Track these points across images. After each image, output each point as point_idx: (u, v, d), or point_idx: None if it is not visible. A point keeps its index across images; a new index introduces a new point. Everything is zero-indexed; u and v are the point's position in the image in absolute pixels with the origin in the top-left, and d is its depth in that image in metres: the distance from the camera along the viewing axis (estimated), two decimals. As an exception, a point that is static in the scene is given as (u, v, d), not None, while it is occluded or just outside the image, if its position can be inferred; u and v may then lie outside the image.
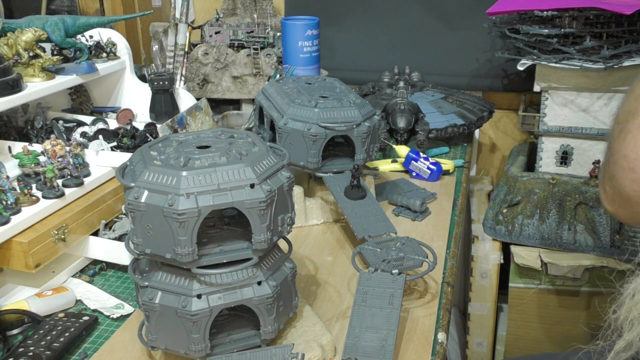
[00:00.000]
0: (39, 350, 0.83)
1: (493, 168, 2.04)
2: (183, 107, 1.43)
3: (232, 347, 0.79)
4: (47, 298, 0.95)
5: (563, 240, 1.46)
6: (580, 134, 1.48)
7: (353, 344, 0.81)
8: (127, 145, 1.21)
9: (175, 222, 0.70)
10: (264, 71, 1.72)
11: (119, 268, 1.08)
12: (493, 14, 1.49)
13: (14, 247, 0.93)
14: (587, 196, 1.44)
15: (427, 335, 0.89)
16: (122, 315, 0.95)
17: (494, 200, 1.59)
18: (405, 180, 1.37)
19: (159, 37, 1.70)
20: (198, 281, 0.75)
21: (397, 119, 1.49)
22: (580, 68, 1.37)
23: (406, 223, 1.21)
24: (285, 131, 1.10)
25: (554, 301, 1.55)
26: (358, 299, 0.87)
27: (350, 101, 1.12)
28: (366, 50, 1.95)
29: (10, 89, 1.10)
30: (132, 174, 0.75)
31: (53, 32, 1.25)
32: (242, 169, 0.73)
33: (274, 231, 0.77)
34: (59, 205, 1.02)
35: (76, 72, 1.28)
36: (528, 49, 1.45)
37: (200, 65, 1.74)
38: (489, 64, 1.87)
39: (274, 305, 0.78)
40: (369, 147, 1.13)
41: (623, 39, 1.38)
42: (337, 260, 1.08)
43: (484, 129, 1.96)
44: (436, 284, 1.01)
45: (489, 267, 1.61)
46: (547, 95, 1.47)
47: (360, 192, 1.10)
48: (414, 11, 1.89)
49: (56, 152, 1.06)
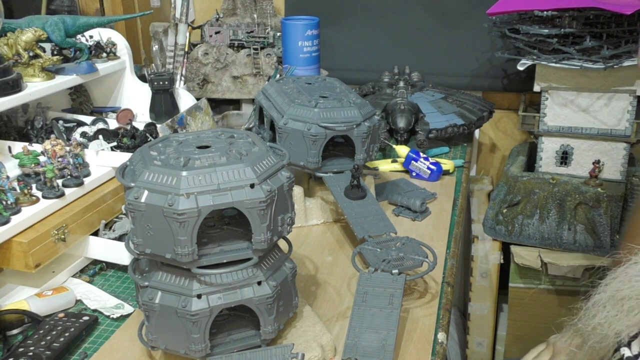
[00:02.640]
0: (39, 350, 0.83)
1: (493, 168, 2.04)
2: (183, 107, 1.43)
3: (232, 347, 0.79)
4: (47, 298, 0.95)
5: (563, 240, 1.46)
6: (580, 134, 1.48)
7: (353, 344, 0.81)
8: (127, 145, 1.21)
9: (175, 222, 0.70)
10: (264, 71, 1.72)
11: (119, 268, 1.08)
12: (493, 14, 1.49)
13: (14, 247, 0.93)
14: (587, 196, 1.44)
15: (427, 335, 0.89)
16: (122, 315, 0.95)
17: (494, 200, 1.59)
18: (405, 180, 1.37)
19: (159, 37, 1.70)
20: (198, 281, 0.75)
21: (397, 119, 1.49)
22: (580, 68, 1.37)
23: (406, 223, 1.21)
24: (285, 131, 1.10)
25: (554, 301, 1.55)
26: (358, 299, 0.87)
27: (350, 101, 1.12)
28: (366, 50, 1.95)
29: (10, 89, 1.10)
30: (132, 174, 0.75)
31: (53, 32, 1.25)
32: (242, 169, 0.73)
33: (274, 231, 0.77)
34: (59, 205, 1.02)
35: (76, 72, 1.28)
36: (528, 49, 1.45)
37: (200, 65, 1.74)
38: (489, 64, 1.87)
39: (274, 305, 0.78)
40: (369, 147, 1.13)
41: (623, 39, 1.38)
42: (337, 260, 1.08)
43: (484, 129, 1.96)
44: (436, 284, 1.01)
45: (489, 267, 1.61)
46: (547, 95, 1.47)
47: (360, 192, 1.10)
48: (414, 11, 1.89)
49: (56, 152, 1.06)
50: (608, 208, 1.42)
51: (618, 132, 1.45)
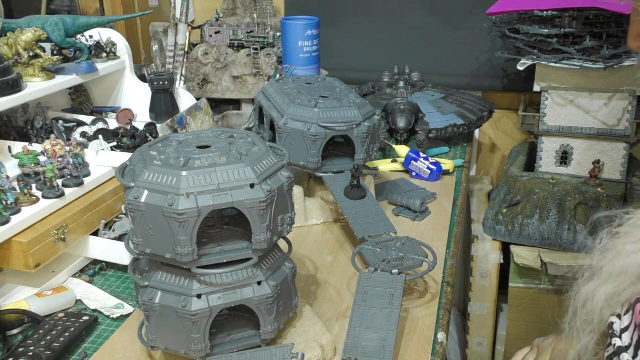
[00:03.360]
0: (39, 350, 0.83)
1: (493, 168, 2.04)
2: (183, 107, 1.43)
3: (232, 347, 0.79)
4: (47, 298, 0.95)
5: (563, 240, 1.46)
6: (580, 134, 1.48)
7: (353, 344, 0.81)
8: (127, 145, 1.21)
9: (175, 222, 0.70)
10: (264, 71, 1.72)
11: (119, 268, 1.08)
12: (493, 14, 1.49)
13: (14, 247, 0.93)
14: (587, 196, 1.44)
15: (427, 335, 0.89)
16: (122, 315, 0.95)
17: (494, 200, 1.59)
18: (405, 180, 1.37)
19: (159, 37, 1.70)
20: (198, 281, 0.75)
21: (397, 119, 1.49)
22: (580, 68, 1.37)
23: (406, 223, 1.21)
24: (285, 131, 1.10)
25: (554, 301, 1.55)
26: (358, 299, 0.87)
27: (350, 101, 1.12)
28: (366, 50, 1.95)
29: (10, 89, 1.10)
30: (132, 174, 0.75)
31: (53, 32, 1.25)
32: (242, 169, 0.73)
33: (274, 231, 0.77)
34: (59, 205, 1.02)
35: (76, 72, 1.28)
36: (528, 49, 1.45)
37: (200, 65, 1.74)
38: (489, 64, 1.87)
39: (274, 305, 0.78)
40: (369, 147, 1.13)
41: (623, 39, 1.38)
42: (337, 260, 1.08)
43: (484, 129, 1.96)
44: (436, 284, 1.01)
45: (489, 267, 1.61)
46: (547, 95, 1.47)
47: (360, 192, 1.10)
48: (414, 11, 1.89)
49: (56, 152, 1.06)
50: (608, 208, 1.42)
51: (618, 132, 1.45)
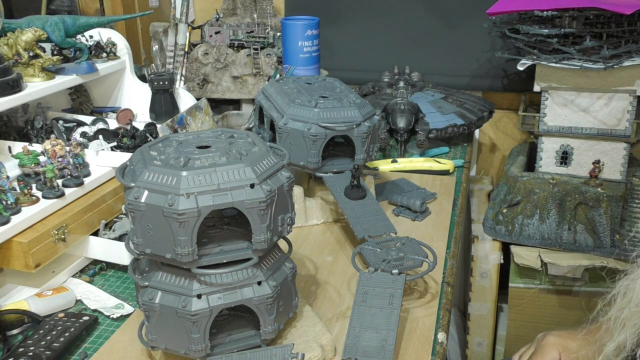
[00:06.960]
0: (39, 350, 0.83)
1: (493, 168, 2.04)
2: (183, 107, 1.43)
3: (232, 347, 0.79)
4: (47, 298, 0.95)
5: (563, 240, 1.46)
6: (580, 134, 1.48)
7: (353, 344, 0.81)
8: (127, 145, 1.21)
9: (175, 222, 0.70)
10: (264, 71, 1.72)
11: (119, 268, 1.08)
12: (493, 14, 1.49)
13: (14, 247, 0.93)
14: (587, 196, 1.44)
15: (427, 335, 0.89)
16: (122, 315, 0.95)
17: (494, 200, 1.59)
18: (405, 180, 1.37)
19: (159, 37, 1.70)
20: (198, 281, 0.75)
21: (397, 119, 1.49)
22: (580, 68, 1.37)
23: (406, 223, 1.21)
24: (285, 131, 1.10)
25: (554, 301, 1.55)
26: (358, 299, 0.87)
27: (350, 101, 1.12)
28: (366, 50, 1.95)
29: (10, 89, 1.10)
30: (132, 174, 0.75)
31: (53, 32, 1.25)
32: (242, 169, 0.73)
33: (274, 231, 0.77)
34: (59, 205, 1.02)
35: (76, 72, 1.28)
36: (528, 49, 1.45)
37: (200, 65, 1.74)
38: (489, 64, 1.87)
39: (274, 305, 0.78)
40: (369, 147, 1.13)
41: (623, 39, 1.38)
42: (337, 260, 1.08)
43: (484, 129, 1.96)
44: (436, 284, 1.01)
45: (489, 267, 1.61)
46: (547, 95, 1.47)
47: (360, 192, 1.10)
48: (414, 11, 1.89)
49: (56, 152, 1.06)
50: (608, 208, 1.42)
51: (618, 132, 1.45)
